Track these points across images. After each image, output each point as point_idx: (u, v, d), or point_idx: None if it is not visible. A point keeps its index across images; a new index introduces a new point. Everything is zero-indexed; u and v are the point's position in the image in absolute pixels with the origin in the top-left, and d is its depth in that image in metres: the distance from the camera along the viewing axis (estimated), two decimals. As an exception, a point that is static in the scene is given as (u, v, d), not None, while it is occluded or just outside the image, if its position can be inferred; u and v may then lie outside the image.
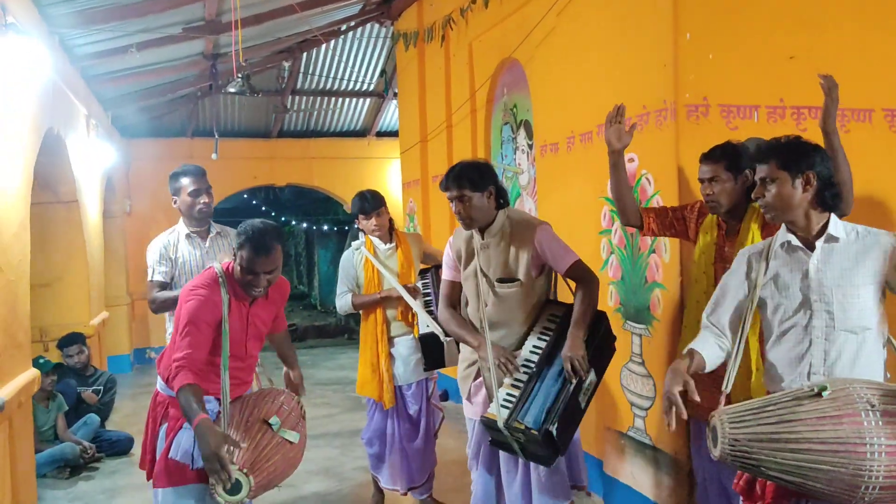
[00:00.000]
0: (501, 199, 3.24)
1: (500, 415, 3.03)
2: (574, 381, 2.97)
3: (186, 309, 2.82)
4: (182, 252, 3.76)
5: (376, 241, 4.35)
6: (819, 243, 2.44)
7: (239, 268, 2.85)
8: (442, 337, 4.09)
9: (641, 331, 3.91)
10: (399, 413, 4.33)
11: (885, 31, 3.76)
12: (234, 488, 2.68)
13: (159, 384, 3.07)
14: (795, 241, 2.48)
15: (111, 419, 6.61)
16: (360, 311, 4.33)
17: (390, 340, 4.28)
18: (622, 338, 4.07)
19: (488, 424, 3.11)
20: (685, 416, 2.42)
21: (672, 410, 2.42)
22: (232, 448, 2.69)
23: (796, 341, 2.46)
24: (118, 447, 5.88)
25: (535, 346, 3.17)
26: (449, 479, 4.99)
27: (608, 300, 4.19)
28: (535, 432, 2.92)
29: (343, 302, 4.30)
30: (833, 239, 2.43)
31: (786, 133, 3.42)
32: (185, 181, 3.73)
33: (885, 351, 2.44)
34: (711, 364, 2.56)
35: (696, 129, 3.56)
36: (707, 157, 3.13)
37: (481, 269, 3.24)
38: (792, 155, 2.44)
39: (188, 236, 3.80)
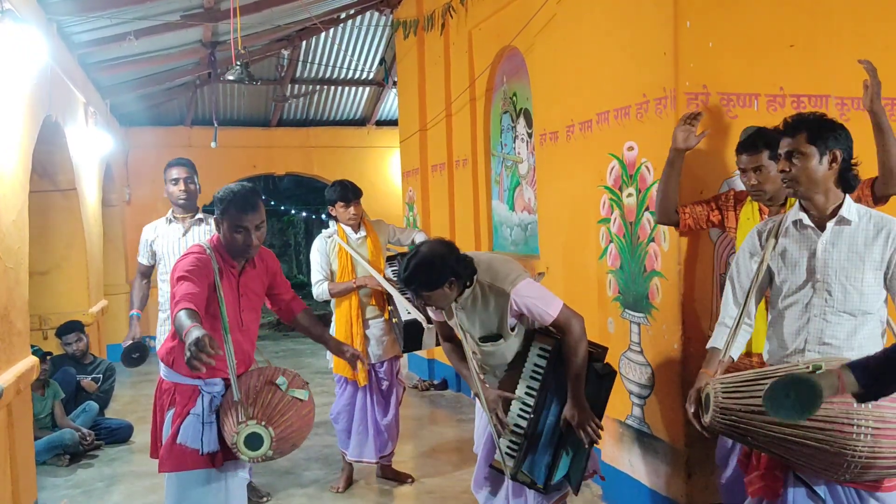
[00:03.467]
0: (467, 280, 2.99)
1: (504, 463, 3.11)
2: (592, 445, 3.05)
3: (180, 266, 2.84)
4: (161, 234, 4.35)
5: (348, 229, 4.54)
6: (830, 224, 2.46)
7: (227, 231, 2.89)
8: (424, 324, 4.30)
9: (640, 319, 3.92)
10: (371, 389, 4.59)
11: (885, 21, 3.76)
12: (256, 443, 2.71)
13: (163, 371, 3.07)
14: (807, 220, 2.51)
15: (111, 407, 6.62)
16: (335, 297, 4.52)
17: (364, 323, 4.50)
18: (621, 326, 4.07)
19: (498, 470, 3.19)
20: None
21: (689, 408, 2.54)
22: (242, 408, 2.73)
23: (796, 317, 2.50)
24: (118, 435, 5.88)
25: (528, 388, 3.13)
26: (449, 466, 5.01)
27: (607, 289, 4.19)
28: (542, 487, 3.02)
29: (321, 290, 4.45)
30: (845, 221, 2.45)
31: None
32: (171, 171, 4.31)
33: (884, 335, 2.45)
34: (739, 351, 2.68)
35: (696, 117, 3.55)
36: (749, 147, 3.10)
37: (462, 327, 3.15)
38: (821, 130, 2.46)
39: (169, 220, 4.37)
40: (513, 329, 3.11)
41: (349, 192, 4.49)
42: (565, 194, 4.76)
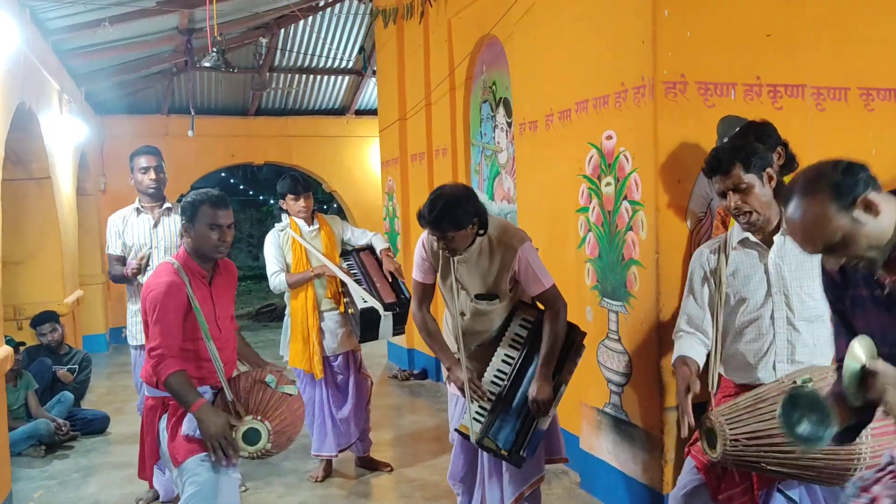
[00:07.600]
0: (482, 225, 3.04)
1: (472, 429, 3.11)
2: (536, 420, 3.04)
3: (150, 299, 2.87)
4: (131, 225, 4.26)
5: (300, 222, 4.56)
6: (776, 238, 2.50)
7: (201, 230, 2.91)
8: (381, 311, 4.30)
9: (618, 308, 3.94)
10: (327, 382, 4.58)
11: (861, 11, 3.79)
12: (254, 437, 2.80)
13: (147, 390, 3.08)
14: (753, 238, 2.55)
15: (87, 398, 6.56)
16: (291, 290, 4.50)
17: (320, 315, 4.50)
18: (599, 315, 4.09)
19: (463, 434, 3.19)
20: (692, 424, 2.46)
21: (685, 418, 2.47)
22: (236, 406, 2.84)
23: (759, 333, 2.54)
24: (94, 426, 5.81)
25: (506, 356, 3.19)
26: (428, 455, 5.02)
27: (585, 278, 4.21)
28: (506, 453, 3.02)
29: (278, 281, 4.45)
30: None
31: (763, 112, 3.44)
32: (140, 160, 4.30)
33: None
34: (701, 363, 2.65)
35: (675, 106, 3.57)
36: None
37: (459, 282, 3.17)
38: (751, 156, 2.45)
39: (138, 210, 4.30)
40: (511, 290, 3.17)
41: (298, 185, 4.54)
42: (544, 183, 4.77)
